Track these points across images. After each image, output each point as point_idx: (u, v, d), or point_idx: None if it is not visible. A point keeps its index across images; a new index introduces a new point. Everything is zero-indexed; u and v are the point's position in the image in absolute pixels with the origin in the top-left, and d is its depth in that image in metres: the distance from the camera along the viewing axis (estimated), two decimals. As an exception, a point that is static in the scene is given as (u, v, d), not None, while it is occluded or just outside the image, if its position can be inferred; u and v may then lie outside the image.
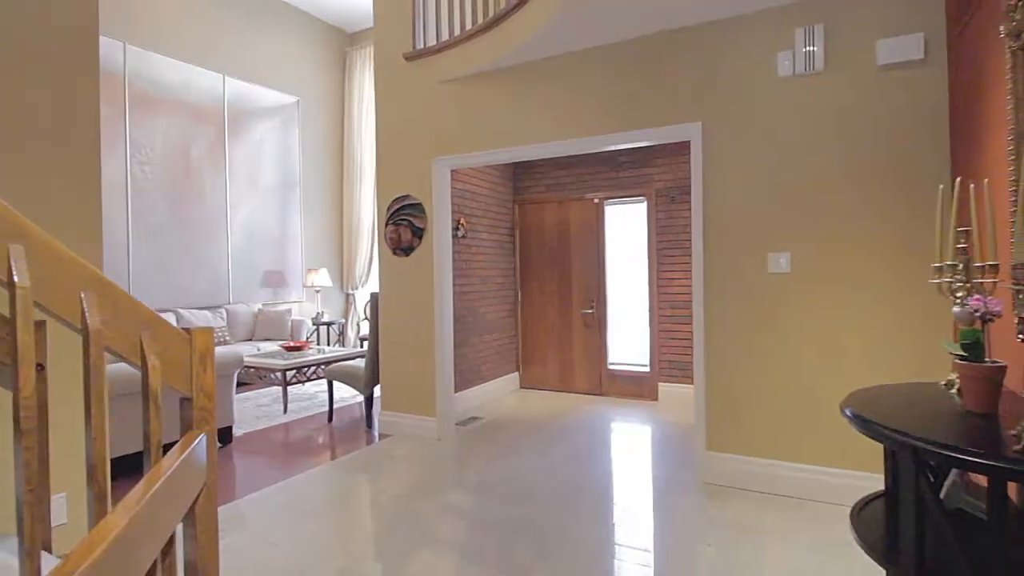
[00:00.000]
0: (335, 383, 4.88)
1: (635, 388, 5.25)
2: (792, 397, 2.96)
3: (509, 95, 3.76)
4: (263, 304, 7.40)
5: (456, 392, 4.82)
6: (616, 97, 3.41)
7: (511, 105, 3.76)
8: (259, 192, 7.50)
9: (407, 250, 4.17)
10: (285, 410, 4.97)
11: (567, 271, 5.53)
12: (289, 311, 7.03)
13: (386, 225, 4.29)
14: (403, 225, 4.15)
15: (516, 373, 5.77)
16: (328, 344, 7.99)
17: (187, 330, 1.42)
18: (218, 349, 3.96)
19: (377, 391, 4.61)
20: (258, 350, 6.40)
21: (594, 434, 4.24)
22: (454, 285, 4.81)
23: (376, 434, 4.32)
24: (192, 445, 1.28)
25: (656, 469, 3.52)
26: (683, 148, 4.96)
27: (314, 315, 7.85)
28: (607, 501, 3.04)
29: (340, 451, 3.93)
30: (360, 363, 4.66)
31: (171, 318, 6.18)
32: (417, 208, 4.11)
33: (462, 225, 4.89)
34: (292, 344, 5.69)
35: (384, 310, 4.33)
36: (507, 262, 5.67)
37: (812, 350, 2.92)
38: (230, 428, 4.09)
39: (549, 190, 5.62)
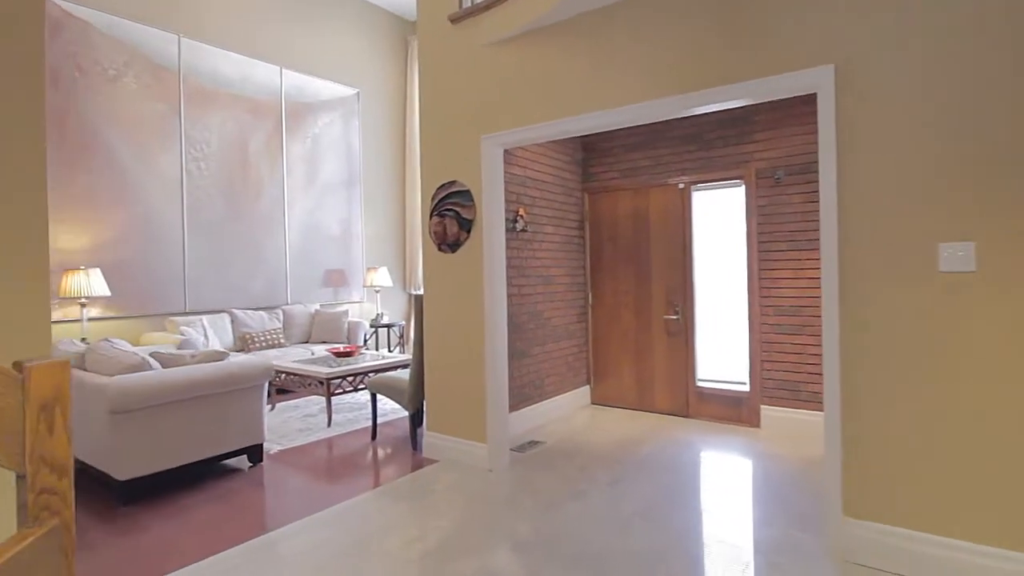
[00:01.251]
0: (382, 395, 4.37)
1: (730, 411, 4.36)
2: (978, 450, 2.05)
3: (572, 52, 3.04)
4: (320, 305, 7.10)
5: (515, 410, 4.16)
6: (712, 42, 2.61)
7: (574, 65, 3.04)
8: (318, 188, 7.20)
9: (453, 245, 3.56)
10: (329, 423, 4.52)
11: (646, 270, 4.73)
12: (346, 313, 6.66)
13: (431, 217, 3.70)
14: (449, 216, 3.55)
15: (586, 387, 5.03)
16: (388, 348, 7.59)
17: (19, 366, 0.83)
18: (246, 356, 3.54)
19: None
20: (311, 354, 6.06)
21: (680, 470, 3.44)
22: (512, 286, 4.15)
23: (421, 456, 3.75)
24: (15, 550, 0.69)
25: (765, 528, 2.69)
26: (790, 116, 4.02)
27: (373, 317, 7.47)
28: (701, 579, 2.26)
29: (376, 479, 3.39)
30: (407, 374, 4.11)
31: (225, 320, 5.96)
32: (465, 196, 3.48)
33: (521, 217, 4.22)
34: (342, 349, 5.26)
35: (429, 315, 3.74)
36: (575, 259, 4.95)
37: (1009, 385, 2.00)
38: (260, 446, 3.65)
39: (624, 176, 4.83)
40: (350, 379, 4.68)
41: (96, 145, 5.28)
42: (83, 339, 4.92)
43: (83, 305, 4.94)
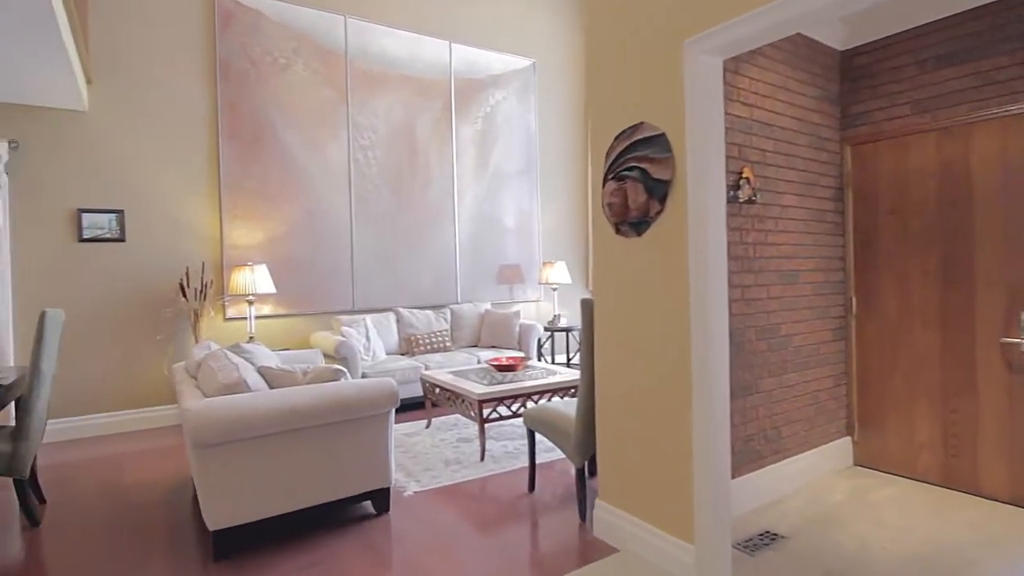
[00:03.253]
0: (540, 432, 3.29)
1: None
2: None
3: None
4: (491, 304, 6.33)
5: (737, 475, 2.76)
6: None
7: None
8: (490, 174, 6.44)
9: (638, 224, 2.30)
10: (482, 457, 3.60)
11: (964, 261, 2.92)
12: (517, 314, 5.77)
13: (603, 183, 2.50)
14: (630, 179, 2.30)
15: (846, 440, 3.35)
16: (567, 356, 6.55)
17: None
18: (366, 379, 2.74)
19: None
20: (477, 362, 5.27)
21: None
22: (732, 287, 2.75)
23: (592, 535, 2.58)
24: None
25: None
26: None
27: (550, 319, 6.49)
28: None
29: (524, 568, 2.31)
30: (572, 408, 2.97)
31: (390, 319, 5.47)
32: (656, 144, 2.21)
33: (746, 181, 2.79)
34: (504, 361, 4.33)
35: (602, 328, 2.55)
36: (829, 246, 3.30)
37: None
38: (386, 491, 2.83)
39: (921, 110, 3.05)
40: (508, 401, 3.71)
41: (267, 137, 5.11)
42: (250, 338, 4.73)
43: (250, 303, 4.75)
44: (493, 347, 5.72)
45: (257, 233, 5.05)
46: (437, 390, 4.21)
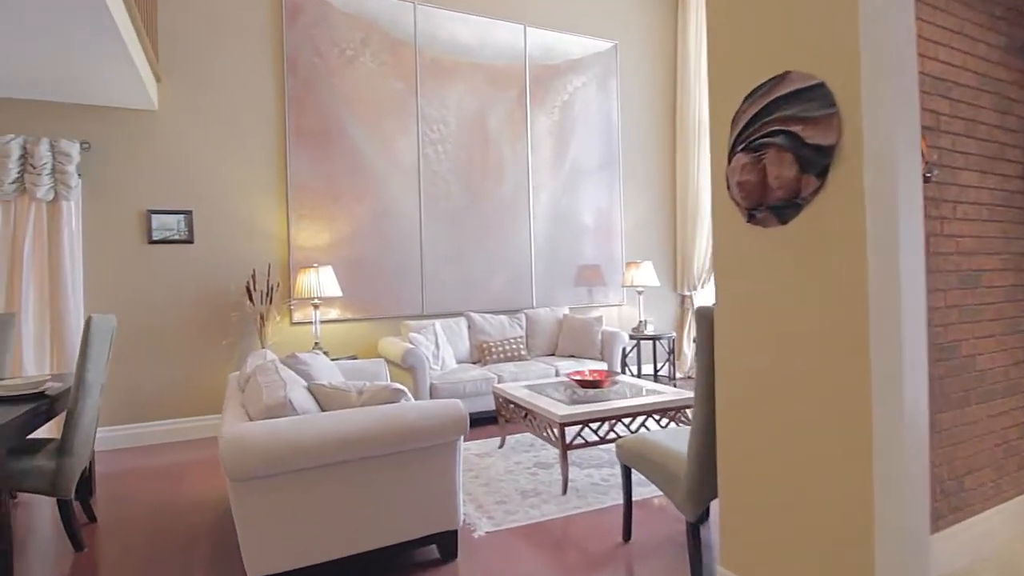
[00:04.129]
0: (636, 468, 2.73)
1: None
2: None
3: None
4: (569, 309, 5.80)
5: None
6: None
7: None
8: (567, 168, 5.94)
9: (783, 209, 1.72)
10: (564, 490, 3.09)
11: None
12: (599, 320, 5.23)
13: (729, 158, 1.93)
14: (772, 148, 1.72)
15: (1040, 487, 2.57)
16: (654, 368, 5.92)
17: None
18: (429, 402, 2.31)
19: (716, 508, 2.28)
20: (555, 373, 4.78)
21: None
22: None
23: (709, 608, 2.02)
24: None
25: None
26: None
27: (635, 325, 5.88)
28: None
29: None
30: (680, 437, 2.40)
31: (461, 324, 5.08)
32: (812, 100, 1.62)
33: (920, 154, 2.11)
34: (587, 375, 3.80)
35: (726, 344, 1.97)
36: (1020, 238, 2.54)
37: None
38: (454, 533, 2.39)
39: None
40: (594, 424, 3.18)
41: (334, 133, 4.87)
42: (315, 344, 4.47)
43: (316, 306, 4.50)
44: (572, 356, 5.20)
45: (323, 234, 4.81)
46: (511, 406, 3.75)
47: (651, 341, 5.82)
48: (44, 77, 3.62)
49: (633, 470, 2.53)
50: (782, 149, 1.69)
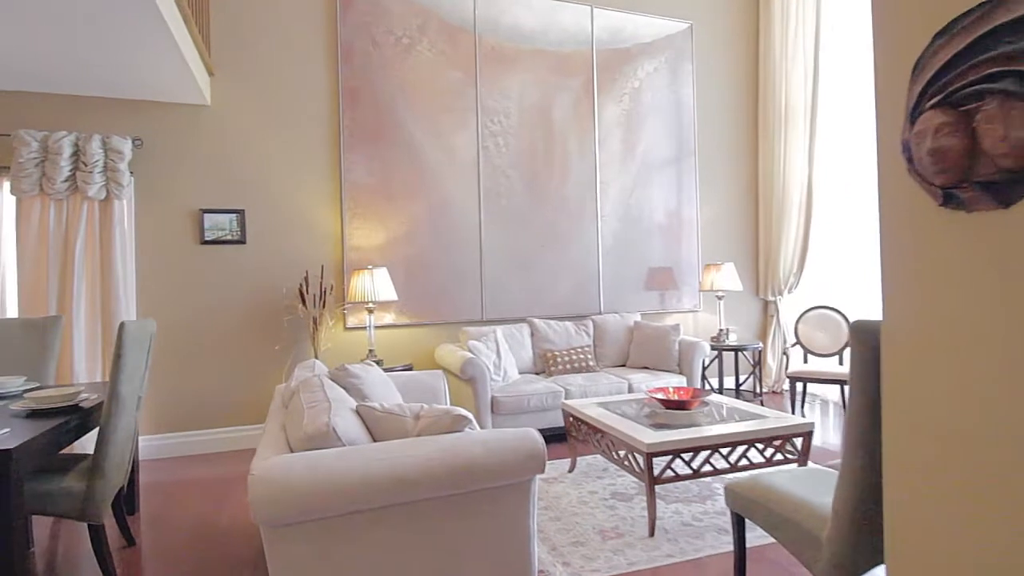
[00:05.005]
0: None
1: None
2: None
3: None
4: (640, 315, 5.30)
5: None
6: None
7: None
8: (638, 161, 5.44)
9: (1002, 186, 1.20)
10: (651, 531, 2.62)
11: None
12: (676, 328, 4.70)
13: (911, 117, 1.42)
14: (993, 97, 1.21)
15: None
16: (736, 381, 5.34)
17: None
18: (497, 434, 1.91)
19: None
20: (628, 388, 4.30)
21: None
22: None
23: None
24: None
25: None
26: None
27: (714, 334, 5.31)
28: None
29: None
30: (813, 488, 1.90)
31: (523, 331, 4.68)
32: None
33: None
34: (670, 393, 3.32)
35: (905, 371, 1.46)
36: None
37: None
38: (527, 589, 1.97)
39: None
40: (686, 455, 2.70)
41: (389, 126, 4.58)
42: (369, 352, 4.18)
43: (370, 311, 4.20)
44: (645, 368, 4.70)
45: (378, 233, 4.52)
46: (583, 426, 3.31)
47: (733, 353, 5.23)
48: (94, 72, 3.48)
49: (747, 519, 2.04)
50: (1011, 98, 1.18)
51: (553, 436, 4.24)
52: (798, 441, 2.93)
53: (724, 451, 2.78)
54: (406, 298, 4.57)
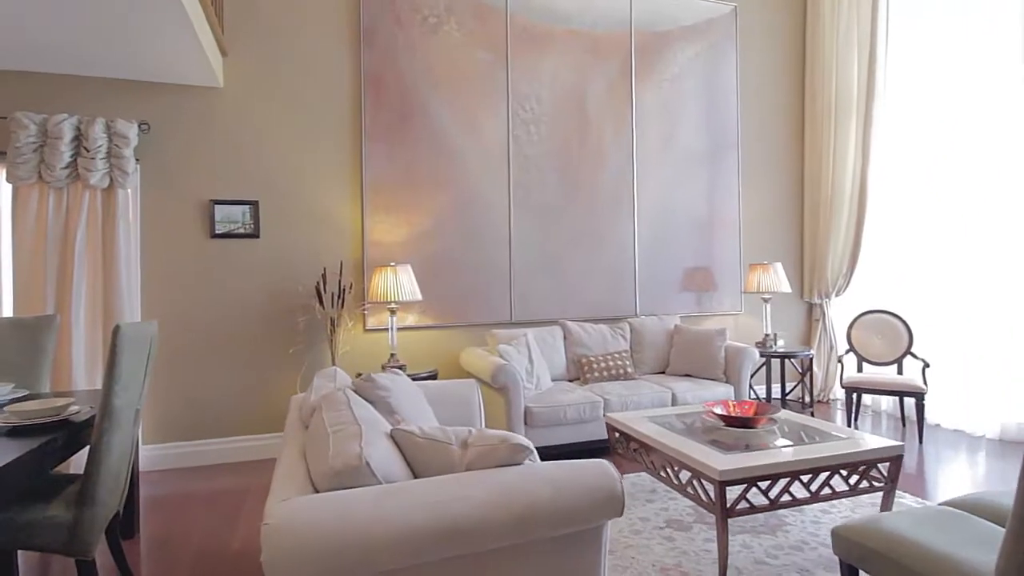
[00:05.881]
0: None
1: None
2: None
3: None
4: (680, 318, 4.93)
5: None
6: None
7: None
8: (677, 152, 5.07)
9: None
10: (723, 572, 2.26)
11: None
12: (721, 333, 4.33)
13: None
14: None
15: None
16: (782, 391, 4.96)
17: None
18: (564, 471, 1.57)
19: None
20: (672, 399, 3.94)
21: None
22: None
23: None
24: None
25: None
26: None
27: (759, 339, 4.93)
28: None
29: None
30: (953, 537, 1.53)
31: (556, 335, 4.33)
32: None
33: None
34: (731, 408, 2.95)
35: None
36: None
37: None
38: (594, 653, 1.62)
39: None
40: (764, 483, 2.34)
41: (415, 113, 4.24)
42: (391, 356, 3.85)
43: (392, 311, 3.87)
44: (687, 376, 4.33)
45: (400, 228, 4.20)
46: (631, 444, 2.95)
47: (781, 359, 4.84)
48: (98, 51, 3.18)
49: (862, 571, 1.68)
50: None
51: (590, 450, 3.89)
52: (883, 466, 2.56)
53: (805, 477, 2.41)
54: (430, 298, 4.24)
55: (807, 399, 4.80)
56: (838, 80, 5.16)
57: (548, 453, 3.68)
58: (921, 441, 4.03)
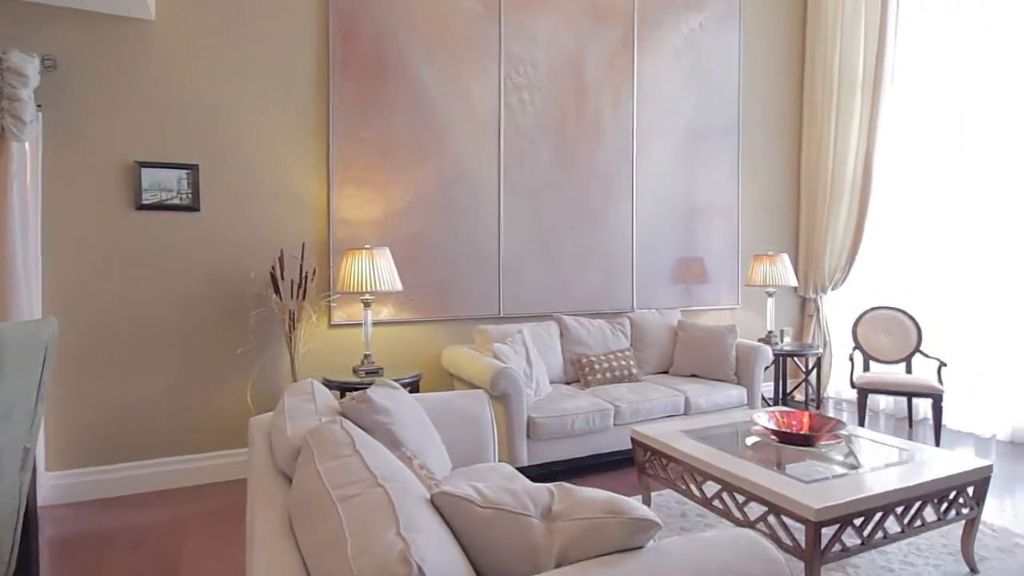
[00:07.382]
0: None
1: None
2: None
3: None
4: (682, 312, 4.51)
5: None
6: None
7: None
8: (679, 130, 4.64)
9: None
10: (808, 629, 1.82)
11: None
12: (732, 330, 3.94)
13: None
14: None
15: None
16: (784, 390, 4.64)
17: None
18: (718, 539, 1.07)
19: None
20: (685, 404, 3.51)
21: None
22: None
23: None
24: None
25: None
26: None
27: (764, 335, 4.58)
28: None
29: None
30: None
31: (551, 330, 3.82)
32: None
33: None
34: (778, 419, 2.53)
35: None
36: None
37: None
38: None
39: None
40: (865, 525, 1.90)
41: (392, 68, 3.59)
42: (365, 357, 3.21)
43: (367, 304, 3.24)
44: (694, 376, 3.92)
45: (374, 205, 3.55)
46: (669, 464, 2.48)
47: (785, 358, 4.51)
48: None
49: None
50: None
51: (601, 464, 3.42)
52: (970, 490, 2.20)
53: (897, 509, 2.00)
54: (407, 287, 3.62)
55: (816, 398, 4.51)
56: (841, 60, 4.86)
57: (553, 471, 3.18)
58: (938, 445, 3.78)
